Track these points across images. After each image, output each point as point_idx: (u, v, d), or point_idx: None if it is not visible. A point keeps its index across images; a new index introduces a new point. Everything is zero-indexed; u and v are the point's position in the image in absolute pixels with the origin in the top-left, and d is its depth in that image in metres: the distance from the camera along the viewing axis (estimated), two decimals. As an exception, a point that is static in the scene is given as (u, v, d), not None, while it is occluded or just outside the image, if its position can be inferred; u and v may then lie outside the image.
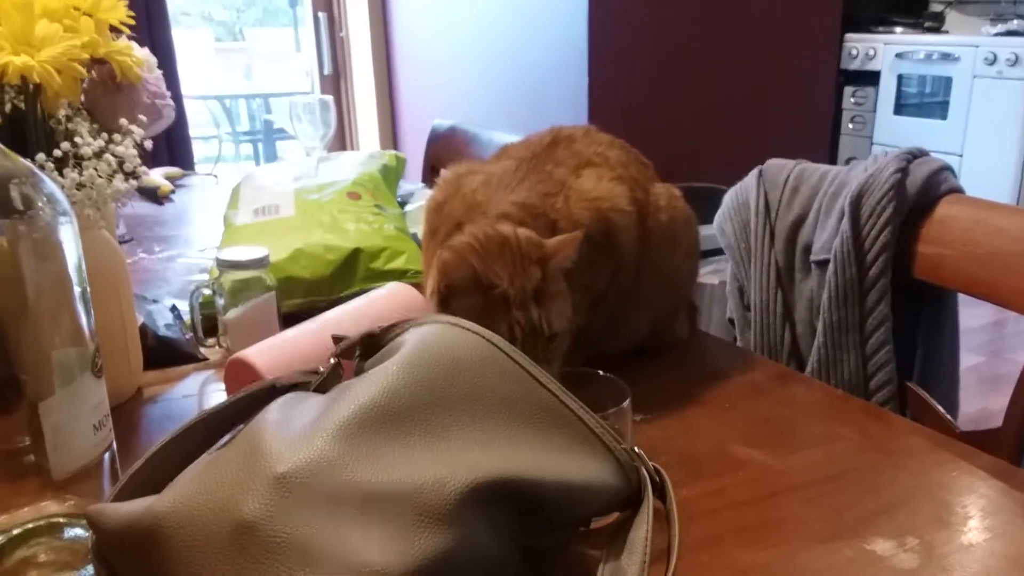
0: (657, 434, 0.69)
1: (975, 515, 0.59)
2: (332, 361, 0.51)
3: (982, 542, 0.55)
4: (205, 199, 1.57)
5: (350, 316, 0.73)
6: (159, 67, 0.86)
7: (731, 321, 1.13)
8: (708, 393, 0.77)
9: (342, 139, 3.54)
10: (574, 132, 0.79)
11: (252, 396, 0.50)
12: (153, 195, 1.37)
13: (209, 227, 1.28)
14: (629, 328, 0.82)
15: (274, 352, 0.66)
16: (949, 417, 0.90)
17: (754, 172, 1.09)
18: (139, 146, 0.65)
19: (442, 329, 0.48)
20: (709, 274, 2.04)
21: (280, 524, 0.37)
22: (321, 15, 3.44)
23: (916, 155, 0.96)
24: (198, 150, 4.95)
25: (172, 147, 2.72)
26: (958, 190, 0.94)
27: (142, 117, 0.63)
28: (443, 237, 0.71)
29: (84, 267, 0.49)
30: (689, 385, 0.78)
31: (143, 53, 0.84)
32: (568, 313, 0.66)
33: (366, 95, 3.46)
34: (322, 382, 0.51)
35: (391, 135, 3.47)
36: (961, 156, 4.07)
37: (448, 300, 0.64)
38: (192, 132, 3.11)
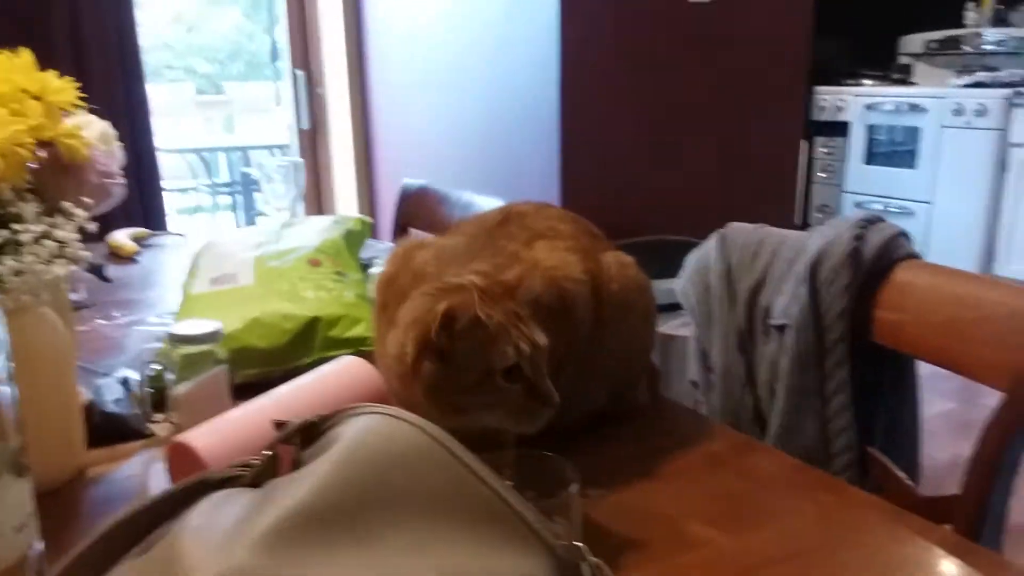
0: (611, 512, 0.68)
1: (929, 597, 0.58)
2: (266, 453, 0.50)
3: (934, 628, 0.54)
4: (172, 260, 1.56)
5: (300, 393, 0.71)
6: (134, 122, 0.86)
7: (694, 384, 1.12)
8: (667, 465, 0.76)
9: (318, 194, 3.55)
10: (525, 208, 0.79)
11: (182, 491, 0.49)
12: (99, 272, 1.33)
13: (173, 290, 1.27)
14: (587, 399, 0.81)
15: (218, 435, 0.65)
16: (910, 482, 0.90)
17: (715, 236, 1.10)
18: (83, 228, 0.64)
19: (378, 422, 0.47)
20: (681, 327, 2.04)
21: (193, 643, 0.36)
22: (299, 73, 3.47)
23: (872, 221, 0.97)
24: (177, 202, 4.95)
25: (145, 202, 2.71)
26: (915, 255, 0.95)
27: (87, 200, 0.63)
28: (394, 311, 0.70)
29: (7, 358, 0.48)
30: (647, 457, 0.77)
31: (100, 126, 0.84)
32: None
33: (343, 151, 3.48)
34: (256, 475, 0.49)
35: (368, 190, 3.49)
36: (930, 203, 4.14)
37: (448, 350, 0.62)
38: (171, 184, 3.11)
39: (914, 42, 4.66)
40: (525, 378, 0.63)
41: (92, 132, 0.89)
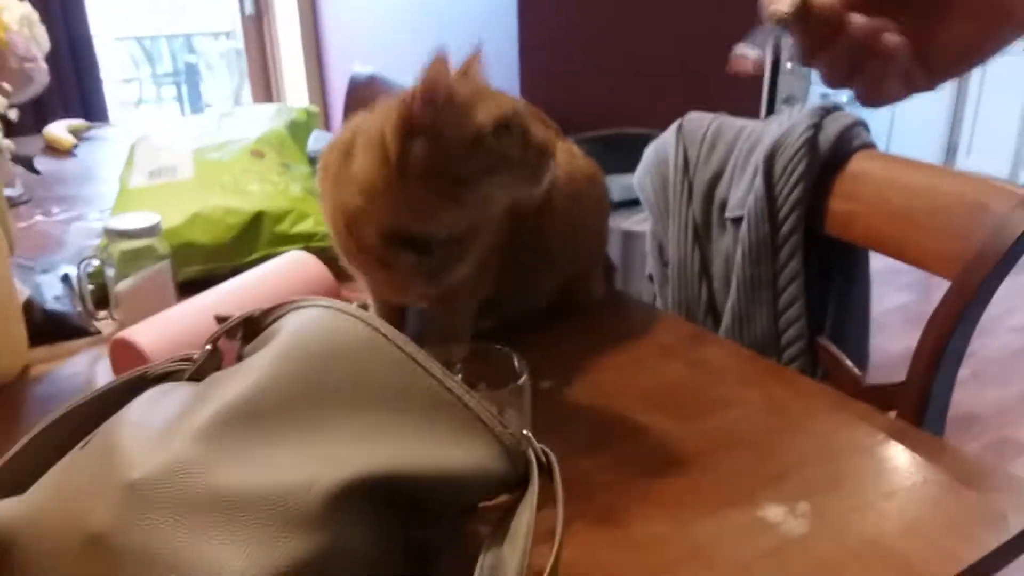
0: (563, 402, 0.69)
1: (868, 478, 0.60)
2: (208, 347, 0.48)
3: (872, 505, 0.56)
4: (111, 153, 1.49)
5: (246, 289, 0.70)
6: (65, 5, 0.80)
7: (650, 277, 1.13)
8: (619, 356, 0.77)
9: (266, 83, 3.39)
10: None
11: (122, 386, 0.48)
12: (28, 163, 1.24)
13: (113, 185, 1.22)
14: (538, 292, 0.81)
15: (161, 331, 0.63)
16: (857, 371, 0.92)
17: (673, 127, 1.08)
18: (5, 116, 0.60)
19: (321, 314, 0.46)
20: (643, 223, 2.04)
21: (130, 535, 0.35)
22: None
23: (830, 110, 0.95)
24: (119, 93, 4.71)
25: (84, 92, 2.57)
26: (871, 145, 0.94)
27: (6, 86, 0.58)
28: (340, 164, 0.65)
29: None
30: (601, 348, 0.78)
31: (21, 9, 0.78)
32: None
33: (291, 37, 3.31)
34: (197, 369, 0.48)
35: (318, 79, 3.34)
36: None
37: (435, 121, 0.59)
38: (113, 75, 2.95)
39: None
40: (514, 135, 0.61)
41: (11, 15, 0.83)
